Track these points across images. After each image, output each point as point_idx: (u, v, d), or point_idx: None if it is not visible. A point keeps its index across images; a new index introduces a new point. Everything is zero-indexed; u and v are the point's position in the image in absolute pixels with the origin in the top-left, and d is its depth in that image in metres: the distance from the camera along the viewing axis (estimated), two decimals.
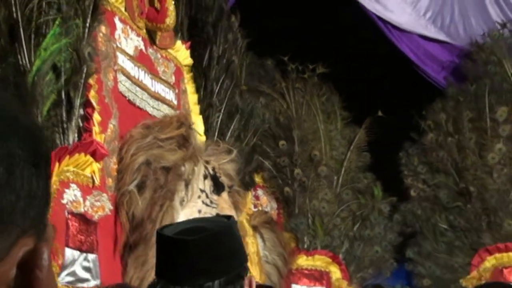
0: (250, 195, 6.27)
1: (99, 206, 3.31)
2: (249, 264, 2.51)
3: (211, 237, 2.17)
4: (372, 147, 7.13)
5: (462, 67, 7.39)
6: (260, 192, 6.72)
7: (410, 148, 7.11)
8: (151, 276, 3.50)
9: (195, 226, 2.28)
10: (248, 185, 5.21)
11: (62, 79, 3.08)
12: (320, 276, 6.56)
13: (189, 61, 4.58)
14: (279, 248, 5.55)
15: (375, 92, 7.40)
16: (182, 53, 4.48)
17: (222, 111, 4.81)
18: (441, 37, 7.57)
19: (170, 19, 4.08)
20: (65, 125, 3.13)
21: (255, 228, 5.56)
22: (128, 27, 3.84)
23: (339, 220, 6.88)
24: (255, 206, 6.49)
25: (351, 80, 7.28)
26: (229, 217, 2.37)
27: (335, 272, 6.63)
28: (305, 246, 6.68)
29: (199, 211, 3.83)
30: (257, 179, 6.68)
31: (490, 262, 6.50)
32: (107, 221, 3.44)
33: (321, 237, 6.75)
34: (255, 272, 4.85)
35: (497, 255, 6.49)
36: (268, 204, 6.78)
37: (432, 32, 7.55)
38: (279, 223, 6.47)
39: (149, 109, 4.03)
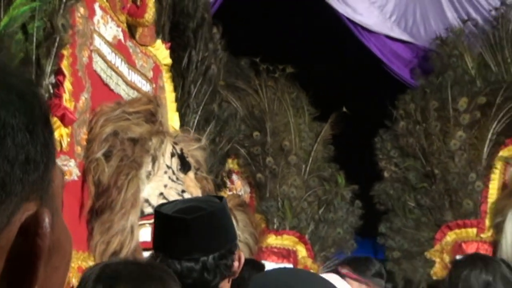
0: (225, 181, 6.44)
1: (66, 171, 3.31)
2: None
3: (207, 216, 2.28)
4: (336, 140, 7.32)
5: (429, 60, 7.52)
6: (234, 177, 6.93)
7: (384, 134, 7.27)
8: (117, 241, 3.50)
9: (192, 206, 2.38)
10: (220, 185, 5.25)
11: (34, 43, 3.07)
12: (287, 254, 6.75)
13: (168, 60, 4.59)
14: (250, 228, 5.57)
15: (340, 90, 7.49)
16: (161, 52, 4.49)
17: (198, 113, 4.83)
18: (405, 37, 7.70)
19: (149, 15, 4.09)
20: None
21: (229, 210, 5.65)
22: (108, 16, 3.84)
23: (306, 204, 7.07)
24: (230, 190, 6.58)
25: (318, 79, 7.41)
26: (221, 198, 2.52)
27: (301, 251, 6.81)
28: (275, 227, 6.89)
29: (165, 186, 3.83)
30: (233, 165, 6.94)
31: (451, 236, 6.69)
32: (74, 187, 3.41)
33: (289, 219, 6.95)
34: None
35: (457, 230, 6.68)
36: (241, 188, 6.99)
37: (396, 33, 7.68)
38: (251, 205, 6.61)
39: (123, 94, 4.00)
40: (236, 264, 2.34)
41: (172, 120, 4.60)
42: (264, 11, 7.41)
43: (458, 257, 6.46)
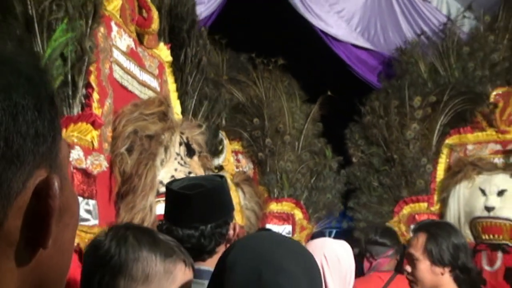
0: (232, 159, 6.50)
1: (97, 164, 3.30)
2: (234, 212, 2.58)
3: (206, 192, 2.28)
4: (323, 119, 7.29)
5: (391, 66, 7.54)
6: (240, 156, 6.95)
7: (353, 126, 7.24)
8: (139, 217, 3.53)
9: (195, 183, 2.38)
10: (215, 152, 5.27)
11: (69, 66, 3.07)
12: (287, 217, 6.75)
13: (169, 58, 4.53)
14: (255, 198, 5.60)
15: (325, 78, 7.51)
16: (164, 52, 4.44)
17: (194, 97, 4.81)
18: (368, 46, 7.65)
19: (155, 25, 4.07)
20: (70, 101, 3.12)
21: (237, 184, 5.61)
22: (121, 30, 3.79)
23: (300, 175, 7.03)
24: (237, 168, 6.73)
25: (306, 69, 7.43)
26: (222, 177, 2.49)
27: (298, 214, 6.79)
28: (275, 195, 6.87)
29: (175, 169, 3.82)
30: (237, 146, 6.96)
31: (406, 210, 6.67)
32: (104, 176, 3.40)
33: (287, 188, 6.93)
34: (239, 217, 4.81)
35: (412, 205, 6.67)
36: (246, 165, 6.98)
37: (361, 42, 7.62)
38: (255, 179, 6.57)
39: (137, 93, 3.97)
40: (231, 232, 2.37)
41: (175, 106, 4.56)
42: (258, 16, 7.38)
43: (412, 226, 6.55)
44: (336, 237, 5.99)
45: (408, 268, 3.00)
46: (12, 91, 0.63)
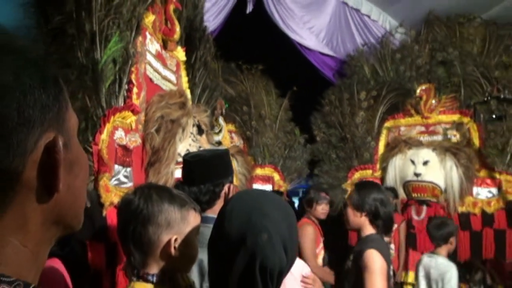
0: (228, 137, 6.44)
1: (134, 140, 3.28)
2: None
3: (205, 160, 2.26)
4: (292, 108, 7.31)
5: (343, 68, 7.52)
6: (233, 135, 6.88)
7: (316, 114, 7.22)
8: (163, 180, 3.46)
9: (199, 153, 2.39)
10: (212, 127, 5.29)
11: (117, 68, 3.04)
12: (268, 179, 6.75)
13: (184, 58, 4.45)
14: (245, 165, 5.48)
15: (293, 78, 7.39)
16: (180, 53, 4.34)
17: (199, 87, 4.76)
18: (331, 53, 7.60)
19: (177, 35, 4.02)
20: (117, 94, 3.07)
21: (232, 155, 5.57)
22: (152, 37, 3.72)
23: (277, 148, 7.04)
24: (231, 143, 6.58)
25: (279, 73, 7.36)
26: (226, 150, 2.47)
27: (276, 176, 6.80)
28: (259, 163, 6.87)
29: (189, 145, 3.78)
30: (231, 127, 6.88)
31: (357, 175, 6.67)
32: (138, 149, 3.36)
33: (268, 158, 6.94)
34: (235, 179, 4.93)
35: (361, 171, 6.69)
36: (238, 141, 6.92)
37: (326, 50, 7.56)
38: (245, 151, 6.45)
39: (162, 86, 3.92)
40: (223, 192, 2.31)
41: (188, 96, 4.48)
42: (243, 33, 7.26)
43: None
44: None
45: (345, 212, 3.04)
46: (21, 73, 0.63)
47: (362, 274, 2.71)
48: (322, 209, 5.07)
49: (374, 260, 2.70)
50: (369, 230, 2.89)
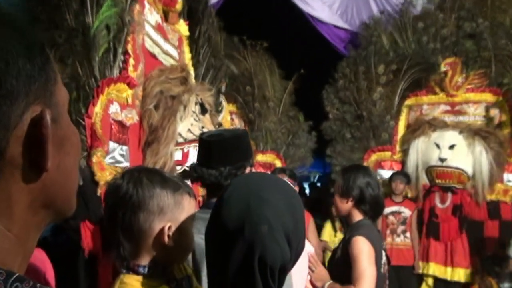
0: (228, 118, 6.40)
1: (130, 117, 3.32)
2: None
3: (226, 140, 2.25)
4: (297, 92, 7.31)
5: (358, 39, 7.42)
6: (234, 116, 6.85)
7: (328, 88, 7.17)
8: (161, 161, 3.52)
9: (219, 133, 2.35)
10: (217, 107, 5.32)
11: (112, 35, 3.06)
12: (269, 166, 6.74)
13: (187, 33, 4.48)
14: None
15: (300, 59, 7.39)
16: (183, 27, 4.39)
17: (204, 65, 4.79)
18: (346, 26, 7.63)
19: (179, 6, 4.07)
20: (112, 64, 3.11)
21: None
22: (152, 8, 3.77)
23: (280, 134, 7.07)
24: (232, 125, 6.56)
25: (285, 51, 7.37)
26: (243, 130, 2.48)
27: (278, 163, 6.80)
28: (261, 148, 6.91)
29: (191, 124, 3.81)
30: (232, 108, 6.87)
31: (374, 157, 6.70)
32: (135, 127, 3.41)
33: (270, 143, 6.98)
34: None
35: (378, 153, 6.71)
36: (239, 124, 6.91)
37: (340, 23, 7.61)
38: None
39: (162, 61, 3.95)
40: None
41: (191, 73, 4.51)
42: (249, 4, 7.35)
43: (378, 170, 6.65)
44: (318, 179, 6.02)
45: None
46: (5, 41, 0.63)
47: (350, 262, 2.78)
48: None
49: (361, 247, 2.76)
50: (357, 216, 2.94)
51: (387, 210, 6.04)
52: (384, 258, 2.91)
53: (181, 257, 1.64)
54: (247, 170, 2.32)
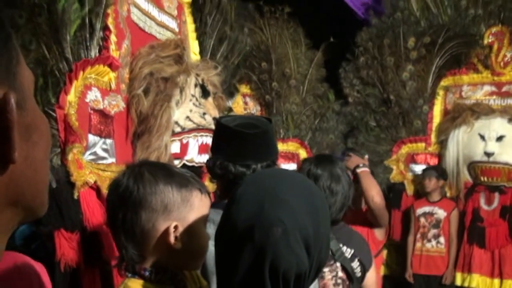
0: (241, 102, 6.54)
1: (115, 104, 3.21)
2: None
3: (261, 133, 2.22)
4: (326, 64, 7.02)
5: (381, 4, 7.06)
6: (248, 99, 6.83)
7: (347, 66, 6.91)
8: (154, 156, 3.42)
9: (250, 123, 2.29)
10: (232, 93, 5.19)
11: (86, 9, 2.89)
12: (292, 156, 6.63)
13: None
14: None
15: (328, 26, 7.13)
16: None
17: (213, 37, 4.62)
18: None
19: None
20: (88, 43, 2.94)
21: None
22: None
23: (305, 117, 6.85)
24: (245, 109, 6.68)
25: (311, 17, 7.13)
26: (270, 120, 2.40)
27: (303, 154, 6.63)
28: (281, 136, 6.72)
29: (190, 110, 3.71)
30: (246, 89, 6.82)
31: (404, 149, 6.49)
32: (121, 116, 3.29)
33: (292, 129, 6.78)
34: None
35: (410, 144, 6.49)
36: (254, 107, 6.87)
37: None
38: None
39: (155, 33, 3.83)
40: None
41: (193, 47, 4.41)
42: None
43: (411, 165, 6.45)
44: None
45: None
46: None
47: None
48: None
49: None
50: None
51: (419, 211, 5.99)
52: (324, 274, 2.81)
53: (191, 262, 1.63)
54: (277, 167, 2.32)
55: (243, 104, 6.66)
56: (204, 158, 3.59)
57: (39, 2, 2.68)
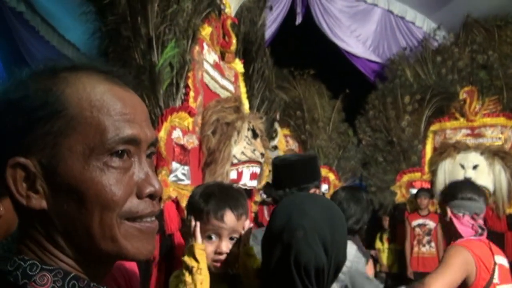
0: (283, 141, 6.52)
1: (191, 142, 3.21)
2: None
3: (289, 164, 2.18)
4: (345, 109, 7.16)
5: (385, 72, 7.15)
6: (288, 138, 6.87)
7: (361, 118, 6.95)
8: (218, 180, 3.39)
9: (287, 158, 2.28)
10: (270, 137, 5.20)
11: (174, 72, 2.97)
12: (324, 179, 6.57)
13: (242, 70, 4.36)
14: None
15: (344, 82, 7.14)
16: (238, 65, 4.26)
17: (258, 98, 4.65)
18: (378, 59, 7.28)
19: (233, 47, 3.93)
20: (174, 96, 3.00)
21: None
22: (210, 48, 3.63)
23: (331, 149, 6.91)
24: (287, 146, 6.74)
25: (331, 77, 7.14)
26: (314, 155, 2.38)
27: (331, 176, 6.70)
28: None
29: (244, 147, 3.67)
30: (286, 131, 6.86)
31: (405, 178, 6.46)
32: (195, 150, 3.29)
33: (323, 159, 6.78)
34: None
35: (409, 174, 6.47)
36: (293, 144, 6.90)
37: (373, 57, 7.25)
38: None
39: (219, 93, 3.84)
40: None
41: (245, 104, 4.39)
42: (294, 41, 7.21)
43: (410, 189, 6.33)
44: None
45: None
46: None
47: None
48: None
49: None
50: None
51: (414, 223, 5.89)
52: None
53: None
54: (312, 191, 2.17)
55: (285, 142, 6.68)
56: (254, 183, 3.56)
57: (144, 64, 2.76)
